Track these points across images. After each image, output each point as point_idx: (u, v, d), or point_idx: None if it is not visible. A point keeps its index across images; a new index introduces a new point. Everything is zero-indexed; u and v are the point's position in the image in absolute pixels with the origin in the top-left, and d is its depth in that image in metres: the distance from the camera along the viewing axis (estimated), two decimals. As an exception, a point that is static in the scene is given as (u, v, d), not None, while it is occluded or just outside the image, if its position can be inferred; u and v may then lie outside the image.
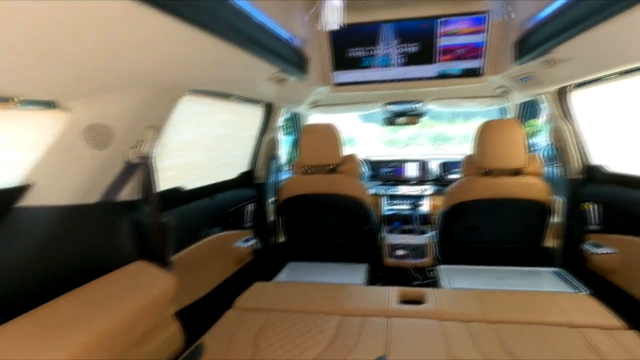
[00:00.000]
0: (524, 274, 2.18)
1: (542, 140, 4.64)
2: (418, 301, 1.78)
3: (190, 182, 1.97)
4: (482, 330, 1.45)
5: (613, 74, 1.76)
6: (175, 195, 1.86)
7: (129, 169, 1.37)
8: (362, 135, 12.29)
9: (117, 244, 1.37)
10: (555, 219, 2.52)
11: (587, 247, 2.17)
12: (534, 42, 1.68)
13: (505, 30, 1.97)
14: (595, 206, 2.25)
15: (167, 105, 1.41)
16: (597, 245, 2.13)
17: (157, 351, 1.33)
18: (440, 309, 1.64)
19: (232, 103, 2.14)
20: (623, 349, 1.31)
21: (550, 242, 2.54)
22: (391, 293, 1.82)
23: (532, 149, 3.64)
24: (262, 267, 2.68)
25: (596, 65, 1.59)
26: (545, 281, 2.10)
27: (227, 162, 2.34)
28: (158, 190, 1.71)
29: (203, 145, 2.02)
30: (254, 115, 2.51)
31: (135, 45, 1.00)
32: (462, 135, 11.81)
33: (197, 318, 1.87)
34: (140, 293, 1.24)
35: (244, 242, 2.45)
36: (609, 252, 2.04)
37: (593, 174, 2.26)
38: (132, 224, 1.43)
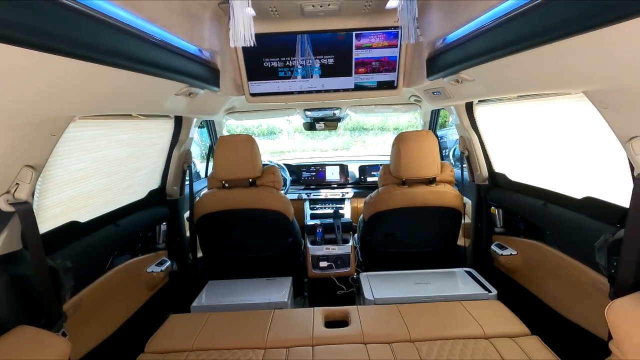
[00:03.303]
0: (438, 277, 2.30)
1: (452, 133, 4.97)
2: (343, 321, 1.78)
3: (88, 213, 1.74)
4: (405, 351, 1.49)
5: (510, 97, 1.91)
6: (71, 231, 1.62)
7: (1, 219, 1.14)
8: (283, 126, 12.20)
9: None
10: (466, 219, 2.71)
11: (494, 248, 2.36)
12: (442, 63, 1.73)
13: (418, 46, 2.01)
14: (500, 210, 2.44)
15: (49, 140, 1.20)
16: (502, 247, 2.32)
17: None
18: (364, 331, 1.65)
19: (134, 121, 1.92)
20: (526, 354, 1.44)
21: (462, 241, 2.72)
22: (316, 315, 1.80)
23: (441, 139, 3.87)
24: (179, 289, 2.51)
25: (496, 88, 1.68)
26: (457, 283, 2.23)
27: (133, 183, 2.10)
28: (47, 229, 1.48)
29: (101, 171, 1.78)
30: (161, 129, 2.29)
31: None
32: (379, 126, 12.30)
33: (108, 357, 1.69)
34: None
35: (157, 266, 2.26)
36: (511, 253, 2.23)
37: (497, 181, 2.45)
38: (10, 280, 1.20)
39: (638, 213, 1.19)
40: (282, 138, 11.91)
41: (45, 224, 1.46)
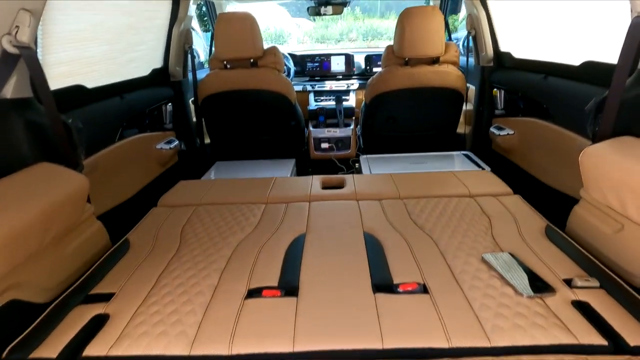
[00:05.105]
0: (436, 158, 2.39)
1: (463, 35, 4.74)
2: (338, 186, 1.91)
3: (93, 80, 1.80)
4: (392, 205, 1.62)
5: None
6: (77, 95, 1.69)
7: (7, 60, 1.19)
8: (292, 31, 11.61)
9: (11, 146, 1.25)
10: (469, 106, 2.71)
11: (492, 130, 2.39)
12: None
13: None
14: (502, 92, 2.43)
15: None
16: (500, 128, 2.35)
17: (80, 250, 1.33)
18: (357, 191, 1.78)
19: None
20: (505, 207, 1.55)
21: (462, 128, 2.75)
22: (314, 181, 1.93)
23: (456, 42, 3.71)
24: (188, 168, 2.65)
25: None
26: (454, 164, 2.32)
27: (135, 57, 2.12)
28: (53, 88, 1.54)
29: (101, 37, 1.80)
30: (160, 3, 2.23)
31: None
32: (394, 29, 11.59)
33: (122, 219, 1.86)
34: (49, 192, 1.18)
35: (166, 144, 2.37)
36: (508, 133, 2.27)
37: (502, 61, 2.40)
38: (27, 124, 1.29)
39: (628, 55, 1.19)
40: (291, 43, 11.41)
41: (52, 81, 1.51)
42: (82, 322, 1.02)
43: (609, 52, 1.52)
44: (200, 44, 4.19)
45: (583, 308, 0.97)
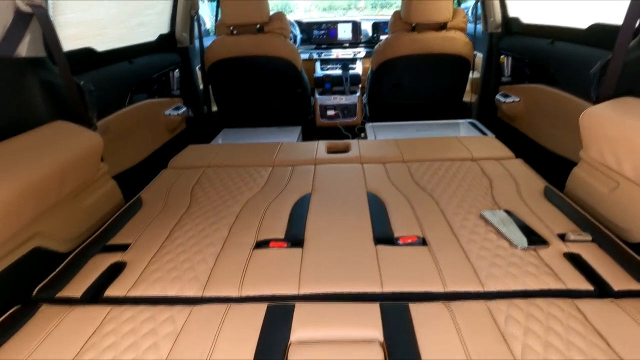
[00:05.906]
0: (441, 126, 2.40)
1: (472, 3, 4.62)
2: (344, 151, 1.94)
3: (103, 44, 1.82)
4: (396, 168, 1.66)
5: None
6: (87, 57, 1.72)
7: (22, 20, 1.22)
8: (298, 0, 11.33)
9: (27, 104, 1.29)
10: (476, 74, 2.70)
11: (498, 97, 2.39)
12: None
13: None
14: (509, 59, 2.41)
15: None
16: (506, 96, 2.35)
17: (96, 206, 1.40)
18: (362, 154, 1.81)
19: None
20: (506, 170, 1.58)
21: (469, 97, 2.75)
22: (320, 146, 1.97)
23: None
24: (196, 134, 2.69)
25: None
26: (459, 131, 2.34)
27: (143, 22, 2.13)
28: (65, 50, 1.57)
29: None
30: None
31: None
32: (403, -2, 11.22)
33: (133, 180, 1.92)
34: (64, 148, 1.23)
35: (174, 110, 2.40)
36: (514, 100, 2.27)
37: (510, 27, 2.37)
38: (42, 83, 1.33)
39: (633, 17, 1.19)
40: (297, 12, 11.15)
41: (63, 43, 1.55)
42: (101, 268, 1.09)
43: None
44: (206, 11, 4.15)
45: (574, 259, 1.02)
